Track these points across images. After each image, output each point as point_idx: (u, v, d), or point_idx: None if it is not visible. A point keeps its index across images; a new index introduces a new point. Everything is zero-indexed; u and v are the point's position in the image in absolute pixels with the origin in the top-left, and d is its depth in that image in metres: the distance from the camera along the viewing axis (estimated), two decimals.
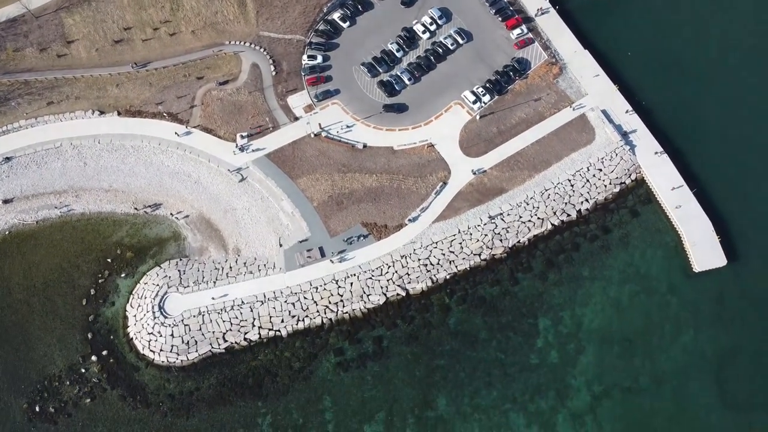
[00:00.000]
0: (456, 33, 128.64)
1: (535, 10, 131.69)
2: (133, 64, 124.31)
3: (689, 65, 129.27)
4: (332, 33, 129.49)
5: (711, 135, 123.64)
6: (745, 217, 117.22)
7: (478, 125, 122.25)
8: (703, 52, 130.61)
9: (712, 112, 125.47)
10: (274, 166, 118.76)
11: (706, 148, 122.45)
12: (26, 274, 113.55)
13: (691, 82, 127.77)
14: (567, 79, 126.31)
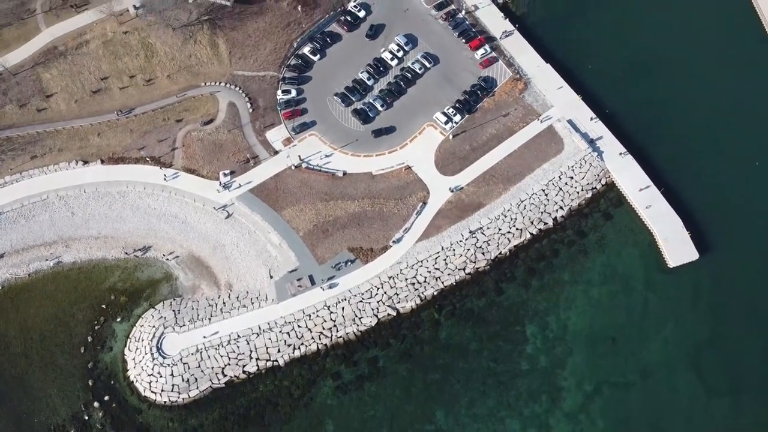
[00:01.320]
0: (423, 57, 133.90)
1: (495, 29, 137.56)
2: (118, 112, 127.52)
3: (646, 70, 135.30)
4: (304, 67, 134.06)
5: (673, 135, 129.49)
6: (711, 210, 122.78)
7: (451, 144, 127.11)
8: (659, 56, 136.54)
9: (672, 112, 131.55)
10: (258, 200, 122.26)
11: (669, 147, 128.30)
12: (22, 328, 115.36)
13: (650, 86, 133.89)
14: (532, 93, 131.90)
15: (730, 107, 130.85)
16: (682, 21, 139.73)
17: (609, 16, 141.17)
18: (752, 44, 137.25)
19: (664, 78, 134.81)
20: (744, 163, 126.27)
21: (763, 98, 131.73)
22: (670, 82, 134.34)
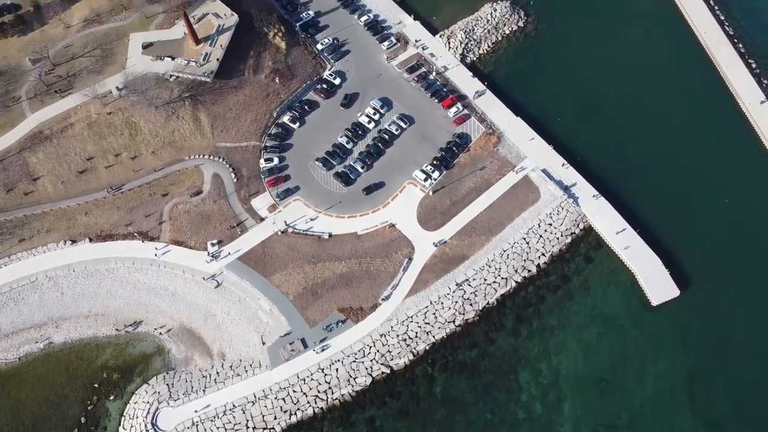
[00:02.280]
0: (399, 119, 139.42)
1: (466, 87, 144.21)
2: (108, 189, 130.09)
3: (610, 115, 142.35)
4: (285, 135, 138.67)
5: (642, 177, 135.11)
6: (687, 247, 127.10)
7: (432, 200, 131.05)
8: (621, 102, 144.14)
9: (639, 155, 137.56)
10: (247, 267, 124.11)
11: (640, 189, 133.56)
12: (14, 413, 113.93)
13: (615, 131, 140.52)
14: (506, 146, 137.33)
15: (693, 147, 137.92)
16: (640, 67, 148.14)
17: (571, 69, 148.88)
18: (708, 87, 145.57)
19: (628, 122, 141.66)
20: (713, 201, 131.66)
21: (721, 137, 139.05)
22: (634, 126, 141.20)
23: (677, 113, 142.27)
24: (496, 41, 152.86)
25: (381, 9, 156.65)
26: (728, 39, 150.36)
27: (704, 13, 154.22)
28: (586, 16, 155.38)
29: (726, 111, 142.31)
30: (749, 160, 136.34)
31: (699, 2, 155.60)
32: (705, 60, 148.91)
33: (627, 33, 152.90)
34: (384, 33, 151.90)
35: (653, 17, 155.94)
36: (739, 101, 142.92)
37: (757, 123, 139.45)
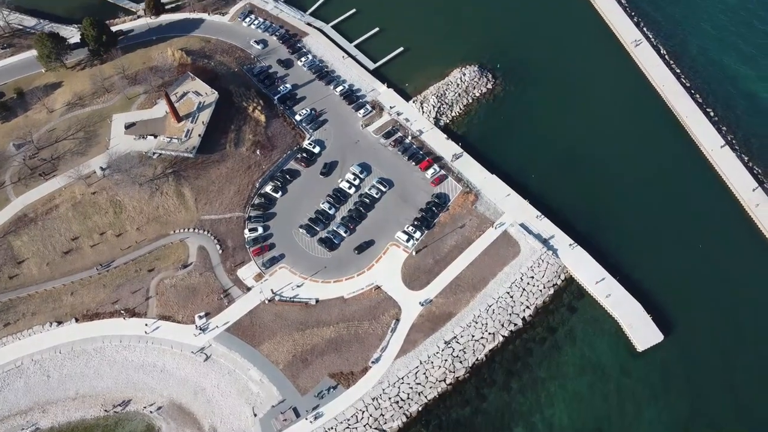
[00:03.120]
0: (378, 183, 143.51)
1: (441, 149, 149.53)
2: (98, 267, 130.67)
3: (581, 167, 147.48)
4: (268, 204, 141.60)
5: (617, 224, 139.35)
6: (667, 291, 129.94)
7: (415, 260, 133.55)
8: (590, 154, 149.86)
9: (613, 203, 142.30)
10: (235, 338, 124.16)
11: (617, 236, 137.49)
12: None
13: (588, 182, 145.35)
14: (484, 203, 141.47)
15: (663, 194, 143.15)
16: (605, 121, 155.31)
17: (541, 126, 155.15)
18: (671, 136, 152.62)
19: (599, 174, 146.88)
20: (687, 245, 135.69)
21: (688, 183, 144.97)
22: (605, 177, 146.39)
23: (644, 163, 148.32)
24: (467, 104, 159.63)
25: (355, 79, 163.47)
26: (685, 90, 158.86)
27: (661, 68, 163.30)
28: (551, 76, 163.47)
29: (690, 158, 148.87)
30: (716, 204, 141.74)
31: (655, 58, 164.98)
32: (666, 111, 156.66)
33: (591, 90, 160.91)
34: (359, 101, 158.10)
35: (614, 74, 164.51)
36: (701, 148, 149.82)
37: (720, 167, 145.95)
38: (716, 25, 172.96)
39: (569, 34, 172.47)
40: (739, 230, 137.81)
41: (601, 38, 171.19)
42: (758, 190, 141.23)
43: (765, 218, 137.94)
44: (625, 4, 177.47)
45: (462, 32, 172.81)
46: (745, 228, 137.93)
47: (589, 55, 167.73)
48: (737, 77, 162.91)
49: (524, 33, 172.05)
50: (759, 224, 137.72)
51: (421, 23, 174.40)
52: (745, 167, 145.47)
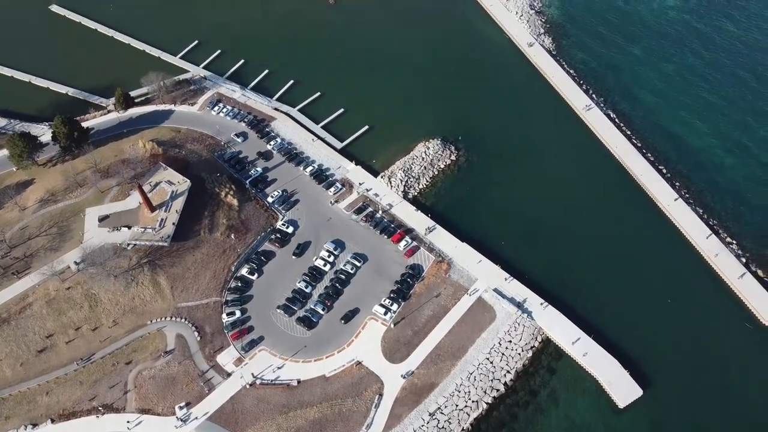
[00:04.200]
0: (353, 258, 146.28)
1: (412, 221, 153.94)
2: (78, 361, 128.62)
3: (549, 228, 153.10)
4: (244, 287, 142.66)
5: (588, 283, 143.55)
6: (641, 346, 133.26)
7: (394, 333, 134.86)
8: (556, 215, 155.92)
9: (582, 263, 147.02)
10: (217, 427, 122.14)
11: (589, 295, 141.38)
12: None
13: (556, 242, 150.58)
14: (457, 271, 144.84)
15: (626, 251, 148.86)
16: (566, 184, 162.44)
17: (505, 193, 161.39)
18: (628, 193, 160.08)
19: (565, 235, 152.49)
20: (656, 300, 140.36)
21: (649, 237, 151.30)
22: (571, 237, 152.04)
23: (605, 221, 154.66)
24: (434, 175, 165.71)
25: (324, 159, 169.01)
26: (637, 150, 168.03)
27: (612, 131, 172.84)
28: (510, 144, 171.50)
29: (648, 213, 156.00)
30: (678, 256, 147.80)
31: (606, 121, 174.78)
32: (621, 171, 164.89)
33: (549, 155, 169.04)
34: (329, 180, 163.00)
35: (570, 139, 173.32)
36: (656, 202, 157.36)
37: (675, 219, 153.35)
38: (657, 91, 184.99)
39: (524, 104, 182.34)
40: (702, 281, 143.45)
41: (554, 106, 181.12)
42: (712, 237, 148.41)
43: (725, 267, 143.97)
44: (573, 74, 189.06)
45: (423, 108, 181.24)
46: (708, 278, 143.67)
47: (544, 123, 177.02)
48: (683, 135, 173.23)
49: (482, 106, 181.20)
50: (720, 273, 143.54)
51: (383, 102, 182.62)
52: (699, 218, 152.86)
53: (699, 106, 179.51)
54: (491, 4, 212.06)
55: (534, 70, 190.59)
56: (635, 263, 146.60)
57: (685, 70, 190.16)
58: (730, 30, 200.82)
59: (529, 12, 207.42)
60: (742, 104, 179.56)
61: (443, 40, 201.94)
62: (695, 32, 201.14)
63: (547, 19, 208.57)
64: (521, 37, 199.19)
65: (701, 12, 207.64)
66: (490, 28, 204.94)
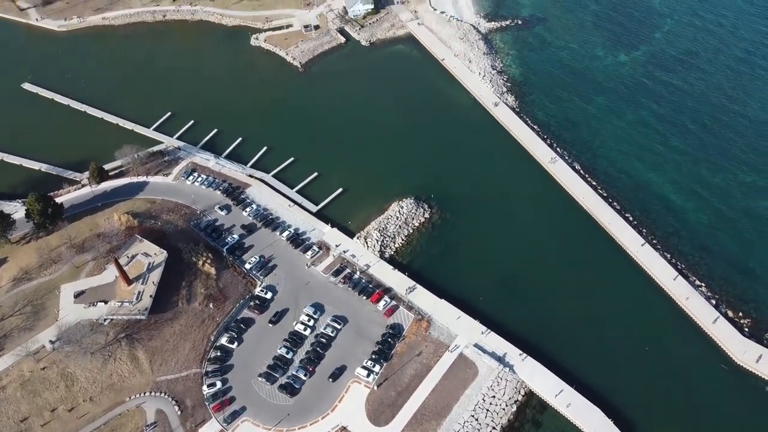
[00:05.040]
0: (333, 321, 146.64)
1: (390, 280, 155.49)
2: None
3: (524, 281, 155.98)
4: (224, 357, 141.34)
5: (567, 335, 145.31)
6: (623, 393, 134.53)
7: (378, 395, 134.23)
8: (531, 268, 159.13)
9: (560, 315, 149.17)
10: None
11: (568, 347, 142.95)
12: None
13: (533, 295, 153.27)
14: (437, 328, 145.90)
15: (601, 300, 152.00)
16: (537, 236, 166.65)
17: (479, 248, 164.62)
18: (598, 241, 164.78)
19: (540, 287, 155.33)
20: (635, 348, 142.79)
21: (620, 285, 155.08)
22: (546, 289, 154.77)
23: (578, 270, 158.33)
24: (409, 234, 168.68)
25: (300, 222, 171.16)
26: (603, 200, 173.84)
27: (578, 182, 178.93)
28: (481, 200, 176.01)
29: (618, 260, 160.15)
30: (652, 302, 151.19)
31: (571, 173, 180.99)
32: (590, 220, 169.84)
33: (519, 208, 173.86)
34: (306, 244, 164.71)
35: (538, 192, 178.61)
36: (625, 248, 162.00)
37: (645, 265, 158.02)
38: (617, 142, 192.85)
39: (492, 160, 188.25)
40: (677, 325, 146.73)
41: (521, 161, 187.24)
42: (681, 281, 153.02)
43: (696, 311, 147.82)
44: (537, 129, 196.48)
45: (395, 168, 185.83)
46: (682, 322, 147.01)
47: (513, 178, 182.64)
48: (645, 184, 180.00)
49: (452, 164, 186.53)
50: (693, 317, 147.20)
51: (356, 164, 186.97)
52: (668, 263, 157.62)
53: (656, 156, 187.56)
54: (455, 66, 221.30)
55: (500, 127, 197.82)
56: (610, 310, 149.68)
57: (639, 122, 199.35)
58: (677, 84, 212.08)
59: (491, 72, 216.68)
60: (694, 153, 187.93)
61: (411, 103, 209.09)
62: (646, 87, 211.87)
63: (509, 78, 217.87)
64: (486, 97, 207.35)
65: (650, 68, 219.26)
66: (456, 89, 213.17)
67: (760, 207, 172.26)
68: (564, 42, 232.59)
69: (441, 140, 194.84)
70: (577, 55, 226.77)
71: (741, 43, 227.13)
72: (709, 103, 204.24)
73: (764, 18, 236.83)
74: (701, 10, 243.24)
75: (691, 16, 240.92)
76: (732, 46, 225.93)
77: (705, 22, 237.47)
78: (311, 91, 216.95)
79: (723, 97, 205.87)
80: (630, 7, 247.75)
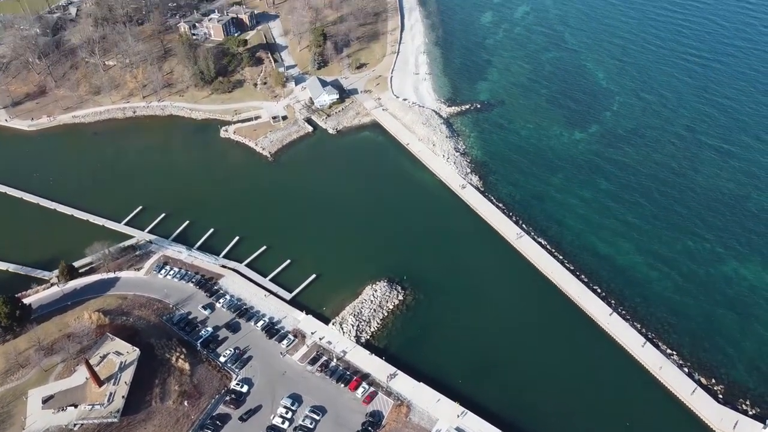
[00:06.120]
0: (311, 411, 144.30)
1: (367, 365, 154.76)
2: None
3: (498, 358, 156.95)
4: None
5: (548, 408, 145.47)
6: None
7: None
8: (505, 345, 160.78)
9: (537, 389, 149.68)
10: None
11: (548, 421, 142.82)
12: None
13: (509, 372, 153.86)
14: (417, 413, 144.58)
15: (577, 374, 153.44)
16: (510, 313, 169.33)
17: (454, 328, 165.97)
18: (568, 315, 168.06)
19: (514, 363, 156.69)
20: (615, 423, 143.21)
21: (593, 357, 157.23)
22: (520, 364, 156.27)
23: (552, 344, 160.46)
24: (384, 317, 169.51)
25: (274, 311, 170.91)
26: (571, 274, 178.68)
27: (545, 257, 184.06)
28: (452, 280, 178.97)
29: (589, 332, 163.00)
30: (626, 373, 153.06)
31: (538, 248, 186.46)
32: (559, 293, 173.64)
33: (490, 286, 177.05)
34: (281, 333, 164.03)
35: (507, 269, 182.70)
36: (594, 320, 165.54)
37: (612, 333, 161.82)
38: (579, 216, 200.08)
39: (461, 239, 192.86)
40: (652, 396, 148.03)
41: (489, 239, 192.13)
42: (653, 350, 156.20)
43: (671, 379, 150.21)
44: (502, 207, 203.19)
45: (367, 252, 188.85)
46: (657, 393, 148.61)
47: (482, 255, 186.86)
48: (609, 255, 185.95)
49: (422, 245, 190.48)
50: (668, 386, 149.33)
51: (328, 249, 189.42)
52: (638, 333, 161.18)
53: (616, 229, 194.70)
54: (419, 150, 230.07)
55: (466, 206, 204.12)
56: (587, 384, 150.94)
57: (600, 195, 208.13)
58: (628, 160, 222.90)
59: (454, 154, 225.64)
60: (650, 225, 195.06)
61: (380, 187, 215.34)
62: (600, 163, 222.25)
63: (472, 159, 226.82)
64: (451, 178, 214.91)
65: (602, 145, 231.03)
66: (422, 172, 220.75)
67: (719, 273, 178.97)
68: (521, 123, 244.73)
69: (410, 222, 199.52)
70: (534, 135, 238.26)
71: (682, 120, 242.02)
72: (658, 177, 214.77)
73: (701, 96, 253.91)
74: (644, 91, 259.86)
75: (635, 96, 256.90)
76: (675, 123, 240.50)
77: (649, 102, 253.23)
78: (281, 179, 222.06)
79: (670, 171, 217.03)
80: (578, 90, 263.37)
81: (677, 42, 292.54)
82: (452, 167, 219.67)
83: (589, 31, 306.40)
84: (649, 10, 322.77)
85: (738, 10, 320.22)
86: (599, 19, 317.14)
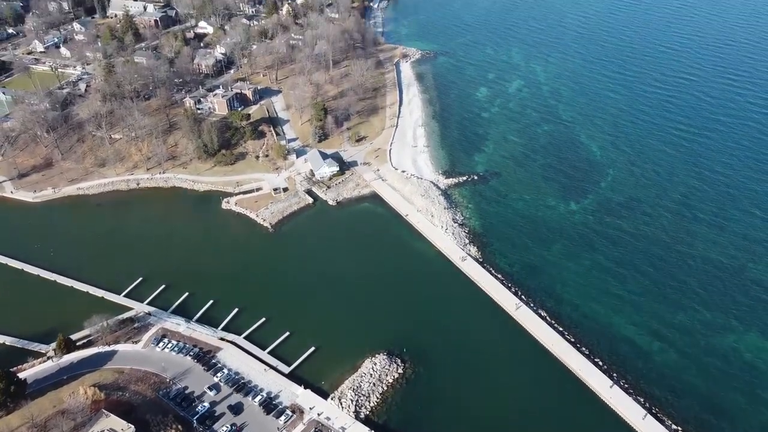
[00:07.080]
0: None
1: None
2: None
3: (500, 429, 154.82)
4: None
5: None
6: None
7: None
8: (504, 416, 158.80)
9: None
10: None
11: None
12: None
13: None
14: None
15: None
16: (511, 386, 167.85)
17: (454, 402, 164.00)
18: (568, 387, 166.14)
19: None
20: None
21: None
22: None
23: (553, 419, 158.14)
24: (383, 391, 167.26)
25: (272, 385, 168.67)
26: (571, 346, 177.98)
27: (544, 328, 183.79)
28: (452, 353, 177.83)
29: (592, 407, 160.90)
30: None
31: (537, 319, 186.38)
32: (560, 367, 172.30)
33: (491, 359, 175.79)
34: (279, 408, 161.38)
35: (508, 339, 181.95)
36: (596, 392, 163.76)
37: (613, 405, 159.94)
38: (577, 287, 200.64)
39: (460, 310, 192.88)
40: None
41: (488, 310, 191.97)
42: (656, 425, 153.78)
43: None
44: (501, 278, 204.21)
45: (366, 324, 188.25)
46: None
47: (482, 327, 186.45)
48: (610, 327, 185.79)
49: (422, 317, 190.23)
50: None
51: (327, 321, 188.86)
52: (642, 407, 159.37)
53: (616, 300, 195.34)
54: (418, 221, 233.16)
55: (465, 277, 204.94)
56: None
57: (595, 267, 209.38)
58: (625, 229, 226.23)
59: (453, 225, 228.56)
60: (650, 295, 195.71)
61: (379, 258, 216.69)
62: (597, 232, 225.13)
63: (470, 230, 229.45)
64: (450, 249, 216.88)
65: (599, 215, 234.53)
66: (421, 243, 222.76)
67: (722, 344, 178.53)
68: (518, 194, 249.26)
69: (409, 294, 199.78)
70: (531, 205, 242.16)
71: (678, 188, 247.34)
72: (656, 245, 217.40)
73: (691, 170, 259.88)
74: (638, 161, 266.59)
75: (630, 166, 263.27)
76: (670, 191, 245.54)
77: (643, 171, 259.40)
78: (281, 251, 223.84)
79: (668, 239, 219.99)
80: (574, 160, 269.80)
81: (664, 117, 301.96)
82: (451, 238, 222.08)
83: (581, 105, 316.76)
84: (636, 87, 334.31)
85: (723, 86, 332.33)
86: (590, 94, 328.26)
